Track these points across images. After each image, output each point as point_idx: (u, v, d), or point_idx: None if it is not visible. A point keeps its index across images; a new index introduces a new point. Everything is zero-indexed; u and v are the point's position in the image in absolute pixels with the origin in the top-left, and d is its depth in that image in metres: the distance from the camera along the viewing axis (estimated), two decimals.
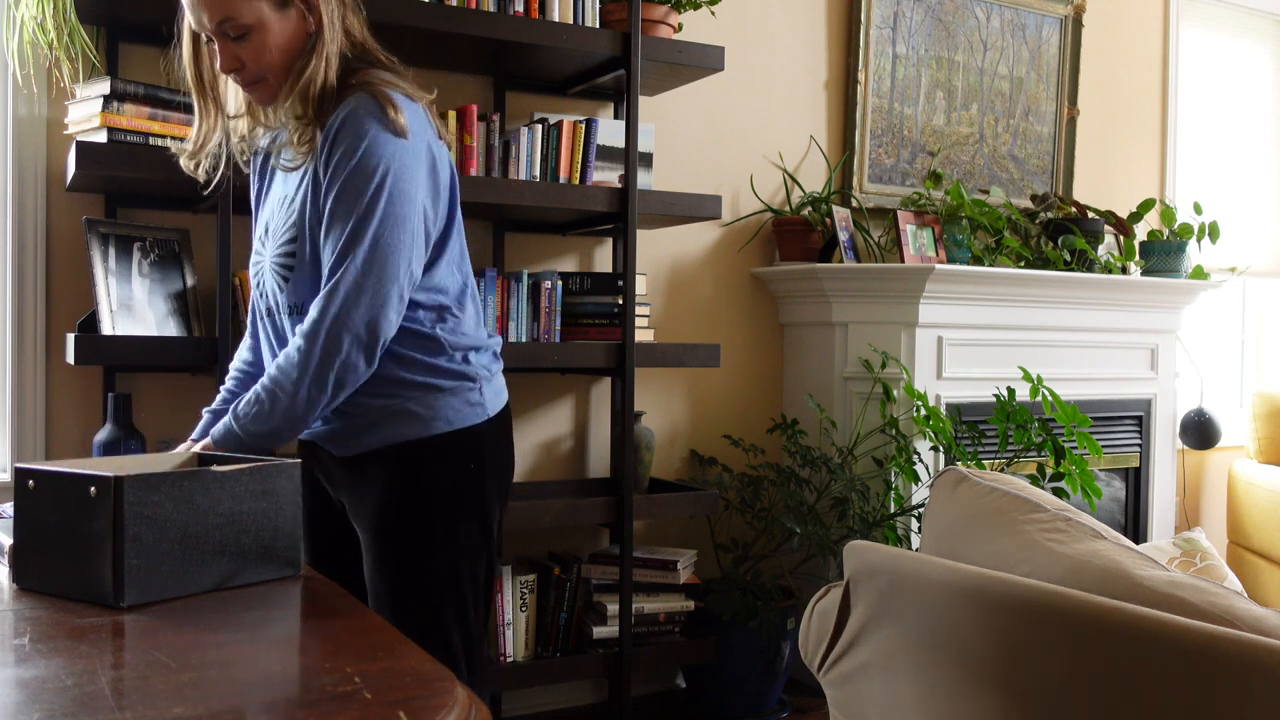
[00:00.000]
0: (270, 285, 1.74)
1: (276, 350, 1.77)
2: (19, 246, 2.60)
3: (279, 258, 1.71)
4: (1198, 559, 2.86)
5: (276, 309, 1.74)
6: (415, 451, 1.71)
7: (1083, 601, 1.30)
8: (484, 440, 1.76)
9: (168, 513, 1.28)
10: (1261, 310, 4.98)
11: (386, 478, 1.71)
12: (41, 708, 0.90)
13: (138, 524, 1.24)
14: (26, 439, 2.61)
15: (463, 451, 1.73)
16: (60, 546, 1.28)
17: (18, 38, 2.46)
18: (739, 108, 3.54)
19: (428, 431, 1.70)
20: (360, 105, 1.62)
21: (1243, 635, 1.19)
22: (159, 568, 1.26)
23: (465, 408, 1.74)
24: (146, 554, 1.25)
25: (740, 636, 3.08)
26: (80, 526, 1.26)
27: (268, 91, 1.69)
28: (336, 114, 1.63)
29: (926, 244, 3.54)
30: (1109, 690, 1.25)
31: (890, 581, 1.56)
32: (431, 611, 1.71)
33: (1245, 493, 4.33)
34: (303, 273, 1.68)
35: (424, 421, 1.70)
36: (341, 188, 1.61)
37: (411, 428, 1.70)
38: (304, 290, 1.68)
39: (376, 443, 1.70)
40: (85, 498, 1.26)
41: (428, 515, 1.72)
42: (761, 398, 3.61)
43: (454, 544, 1.73)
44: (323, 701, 0.94)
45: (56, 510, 1.28)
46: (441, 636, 1.71)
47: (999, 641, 1.37)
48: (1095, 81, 4.33)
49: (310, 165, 1.66)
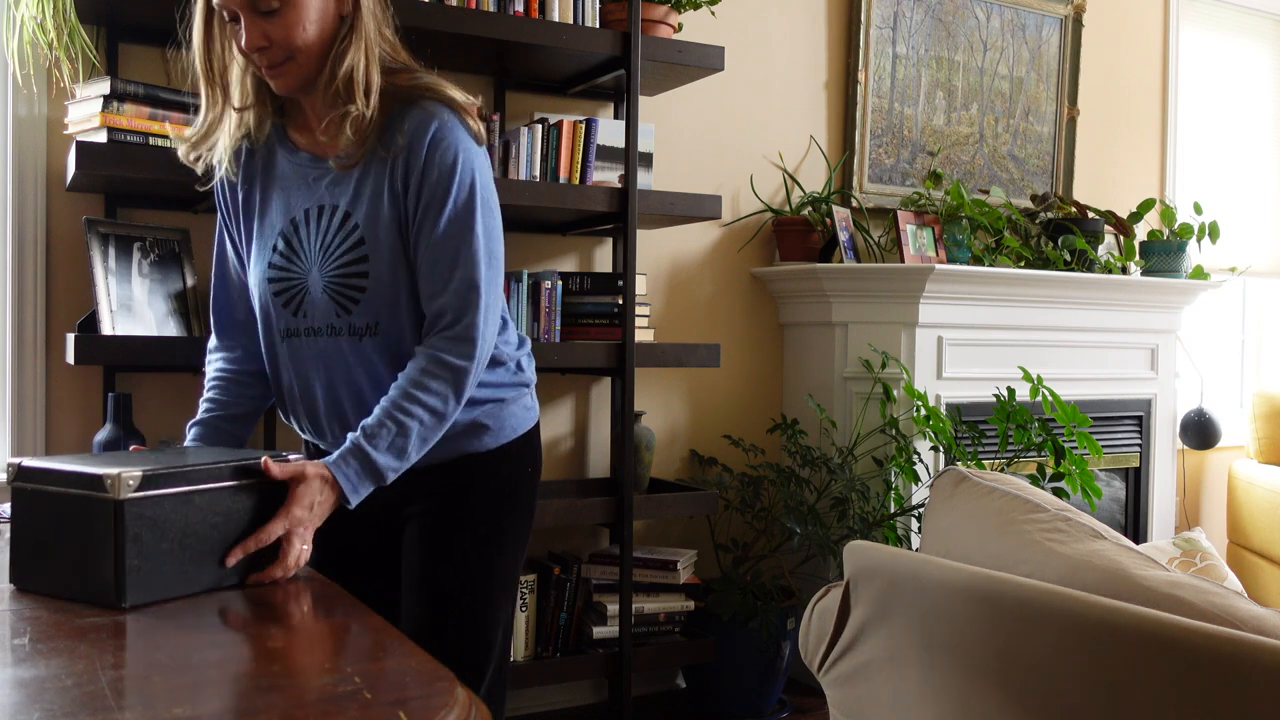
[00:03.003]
0: (320, 306, 1.63)
1: (304, 372, 1.68)
2: (19, 246, 2.60)
3: (341, 278, 1.61)
4: (1198, 559, 2.86)
5: (326, 330, 1.63)
6: (484, 459, 1.72)
7: (1083, 601, 1.30)
8: (536, 442, 1.81)
9: (166, 512, 1.26)
10: (1261, 310, 4.98)
11: (455, 482, 1.70)
12: (41, 708, 0.89)
13: (137, 524, 1.23)
14: (26, 439, 2.61)
15: (524, 455, 1.77)
16: (58, 547, 1.27)
17: (18, 38, 2.46)
18: (739, 108, 3.54)
19: (497, 442, 1.73)
20: (444, 115, 1.59)
21: (1243, 635, 1.19)
22: (160, 568, 1.25)
23: (523, 413, 1.77)
24: (146, 554, 1.24)
25: (740, 636, 3.08)
26: (78, 526, 1.25)
27: (295, 75, 1.59)
28: (416, 120, 1.58)
29: (926, 244, 3.54)
30: (1109, 690, 1.25)
31: (890, 581, 1.56)
32: (489, 610, 1.72)
33: (1245, 493, 4.33)
34: (378, 292, 1.59)
35: (493, 433, 1.72)
36: (454, 207, 1.58)
37: (483, 440, 1.71)
38: (379, 310, 1.60)
39: (446, 455, 1.68)
40: (83, 498, 1.25)
41: (498, 518, 1.73)
42: (761, 398, 3.61)
43: (517, 545, 1.76)
44: (323, 701, 0.94)
45: (54, 510, 1.27)
46: (492, 634, 1.73)
47: (999, 642, 1.37)
48: (1095, 81, 4.33)
49: (374, 177, 1.59)
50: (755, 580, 3.16)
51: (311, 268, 1.63)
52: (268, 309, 1.70)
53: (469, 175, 1.59)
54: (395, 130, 1.59)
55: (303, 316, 1.65)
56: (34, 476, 1.29)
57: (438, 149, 1.57)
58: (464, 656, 1.67)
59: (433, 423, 1.57)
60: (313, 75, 1.60)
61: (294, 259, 1.65)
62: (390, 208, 1.59)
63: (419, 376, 1.57)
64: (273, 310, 1.69)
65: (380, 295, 1.60)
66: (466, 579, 1.70)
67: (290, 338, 1.68)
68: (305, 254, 1.64)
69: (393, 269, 1.60)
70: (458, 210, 1.58)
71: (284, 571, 1.41)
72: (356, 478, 1.52)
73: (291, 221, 1.66)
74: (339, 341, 1.63)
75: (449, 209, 1.58)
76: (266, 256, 1.68)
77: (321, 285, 1.63)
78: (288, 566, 1.41)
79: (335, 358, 1.64)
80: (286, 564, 1.41)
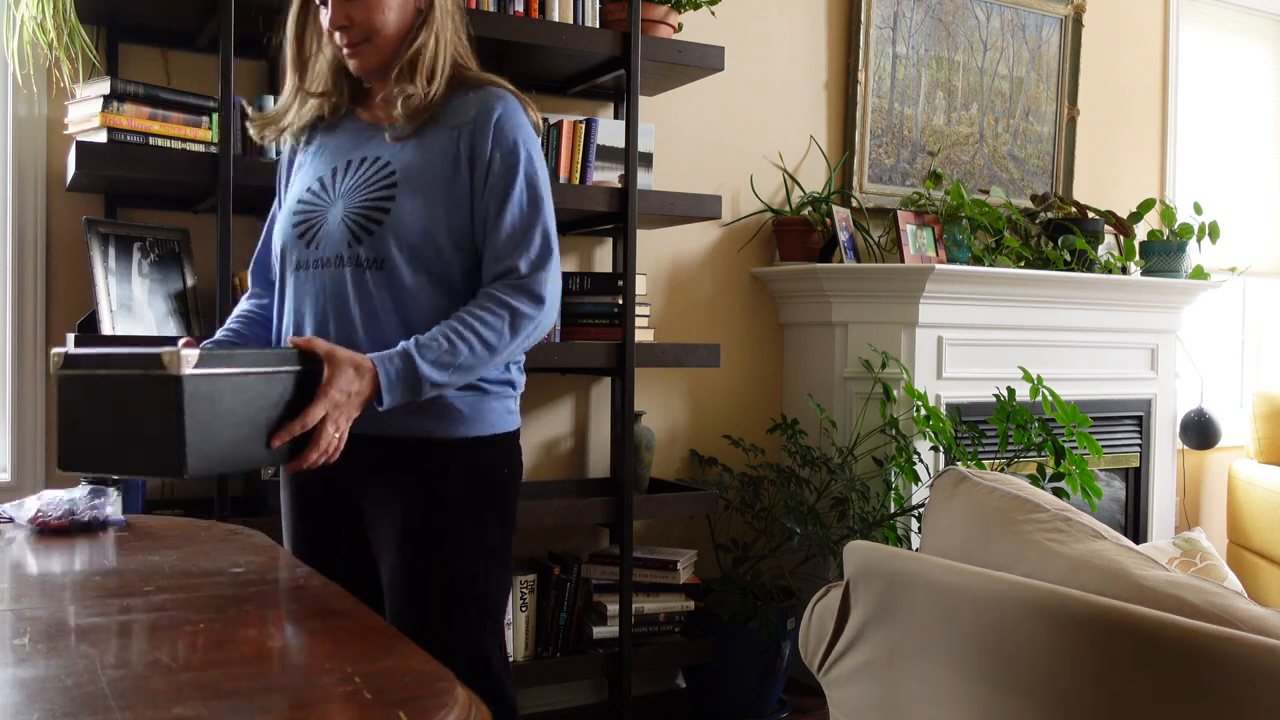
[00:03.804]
0: (334, 236, 1.68)
1: (300, 306, 1.72)
2: (19, 246, 2.60)
3: (363, 209, 1.67)
4: (1198, 559, 2.86)
5: (335, 260, 1.68)
6: (461, 447, 1.69)
7: (1083, 601, 1.30)
8: (515, 449, 1.79)
9: (219, 389, 1.35)
10: (1261, 310, 4.98)
11: (431, 468, 1.69)
12: (41, 708, 0.89)
13: (195, 399, 1.31)
14: (26, 439, 2.61)
15: (503, 456, 1.76)
16: (113, 427, 1.34)
17: (18, 38, 2.46)
18: (739, 108, 3.54)
19: (471, 432, 1.70)
20: (509, 100, 1.71)
21: (1243, 635, 1.19)
22: (215, 441, 1.35)
23: (505, 415, 1.75)
24: (203, 428, 1.33)
25: (740, 636, 3.08)
26: (137, 404, 1.30)
27: (372, 56, 1.70)
28: (483, 100, 1.70)
29: (926, 244, 3.54)
30: (1109, 690, 1.25)
31: (890, 581, 1.56)
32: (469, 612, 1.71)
33: (1245, 493, 4.33)
34: (394, 228, 1.64)
35: (469, 422, 1.70)
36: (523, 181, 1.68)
37: (456, 427, 1.69)
38: (391, 245, 1.65)
39: (405, 430, 1.67)
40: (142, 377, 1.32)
41: (479, 507, 1.72)
42: (761, 398, 3.61)
43: (481, 545, 1.72)
44: (323, 701, 0.94)
45: (108, 392, 1.34)
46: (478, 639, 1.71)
47: (999, 641, 1.37)
48: (1095, 81, 4.33)
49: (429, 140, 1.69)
50: (755, 580, 3.16)
51: (337, 201, 1.71)
52: (285, 244, 1.76)
53: (533, 155, 1.71)
54: (462, 106, 1.70)
55: (314, 248, 1.70)
56: (84, 363, 1.34)
57: (505, 126, 1.68)
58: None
59: (483, 352, 1.60)
60: (387, 59, 1.71)
61: (322, 195, 1.74)
62: (446, 164, 1.68)
63: (478, 309, 1.62)
64: (289, 244, 1.75)
65: (396, 230, 1.64)
66: (446, 577, 1.69)
67: (298, 270, 1.73)
68: (333, 191, 1.73)
69: (415, 212, 1.65)
70: (524, 184, 1.68)
71: (318, 454, 1.49)
72: (396, 376, 1.55)
73: (332, 169, 1.76)
74: (342, 271, 1.67)
75: (505, 184, 1.67)
76: (297, 195, 1.78)
77: (340, 215, 1.69)
78: (320, 449, 1.49)
79: (334, 289, 1.68)
80: (319, 446, 1.49)
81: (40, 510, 1.65)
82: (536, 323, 1.66)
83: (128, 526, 1.71)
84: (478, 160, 1.67)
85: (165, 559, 1.49)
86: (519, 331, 1.63)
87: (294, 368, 1.48)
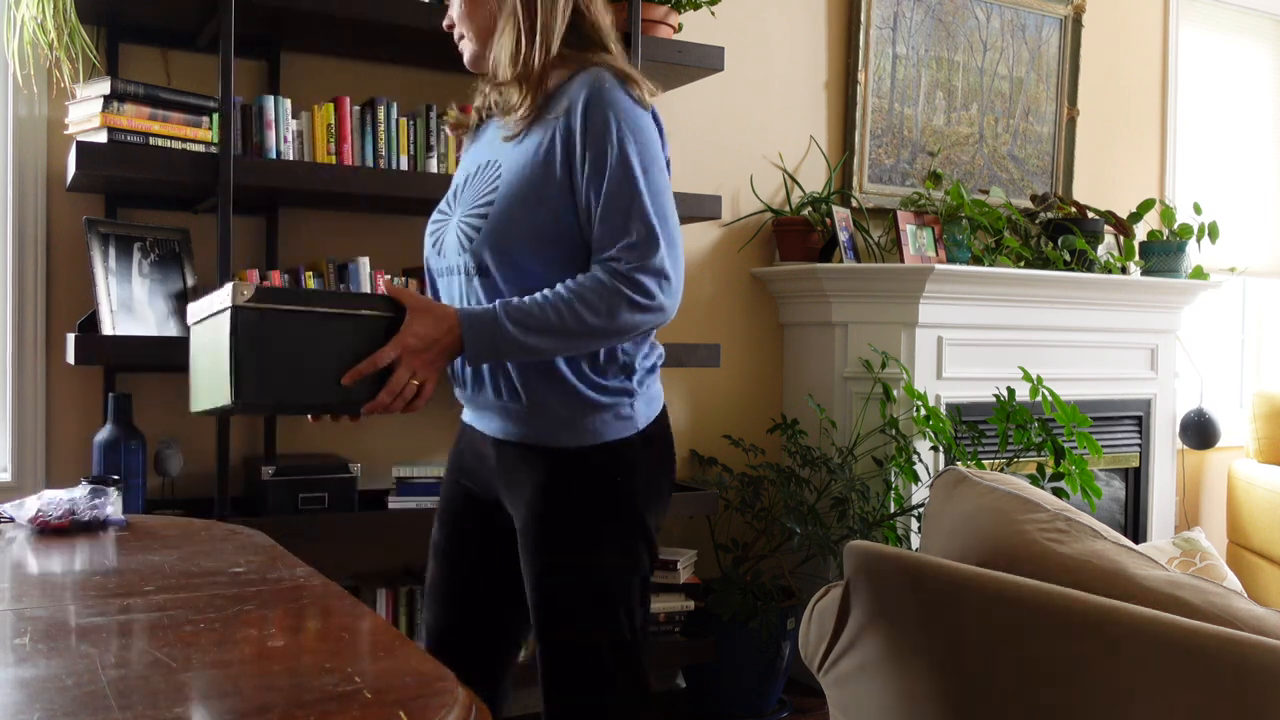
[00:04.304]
0: (451, 244, 1.67)
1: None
2: (19, 246, 2.60)
3: (471, 214, 1.64)
4: (1198, 559, 2.86)
5: (456, 268, 1.66)
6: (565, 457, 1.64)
7: (1083, 601, 1.30)
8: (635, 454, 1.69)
9: (280, 324, 1.40)
10: (1261, 310, 4.98)
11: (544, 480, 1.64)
12: (41, 708, 0.90)
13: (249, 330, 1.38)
14: (26, 439, 2.61)
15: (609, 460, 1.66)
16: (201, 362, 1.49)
17: (18, 38, 2.46)
18: (739, 108, 3.54)
19: (580, 441, 1.63)
20: (604, 79, 1.60)
21: (1243, 635, 1.19)
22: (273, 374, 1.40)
23: (614, 421, 1.66)
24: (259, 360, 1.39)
25: (740, 636, 3.08)
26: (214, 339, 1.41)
27: (467, 51, 1.72)
28: (577, 85, 1.61)
29: (926, 244, 3.54)
30: (1109, 690, 1.25)
31: (890, 581, 1.56)
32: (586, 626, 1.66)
33: (1245, 493, 4.33)
34: (491, 230, 1.61)
35: (576, 430, 1.63)
36: (615, 164, 1.57)
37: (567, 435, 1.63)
38: (487, 248, 1.61)
39: (530, 437, 1.64)
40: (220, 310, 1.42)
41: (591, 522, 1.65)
42: (761, 398, 3.61)
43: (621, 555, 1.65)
44: (323, 701, 0.94)
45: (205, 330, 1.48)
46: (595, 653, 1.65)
47: (998, 642, 1.38)
48: (1095, 81, 4.33)
49: (535, 136, 1.62)
50: (755, 580, 3.16)
51: (457, 209, 1.70)
52: (425, 254, 1.77)
53: (625, 135, 1.58)
54: (562, 95, 1.63)
55: (442, 256, 1.71)
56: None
57: (594, 110, 1.58)
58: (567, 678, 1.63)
59: (573, 323, 1.53)
60: (481, 54, 1.71)
61: (450, 203, 1.75)
62: (539, 161, 1.61)
63: (578, 284, 1.56)
64: (427, 253, 1.76)
65: (489, 237, 1.60)
66: (556, 589, 1.62)
67: (437, 279, 1.74)
68: (458, 199, 1.72)
69: (511, 211, 1.60)
70: (620, 166, 1.57)
71: (388, 397, 1.48)
72: (479, 328, 1.52)
73: (465, 176, 1.75)
74: (459, 280, 1.66)
75: (599, 166, 1.57)
76: (441, 205, 1.78)
77: (456, 223, 1.68)
78: (391, 392, 1.48)
79: (457, 298, 1.67)
80: (390, 388, 1.47)
81: (40, 510, 1.66)
82: (636, 310, 1.55)
83: (128, 526, 1.71)
84: (573, 152, 1.59)
85: (165, 559, 1.49)
86: (616, 315, 1.54)
87: (375, 312, 1.48)
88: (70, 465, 2.64)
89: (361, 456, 2.82)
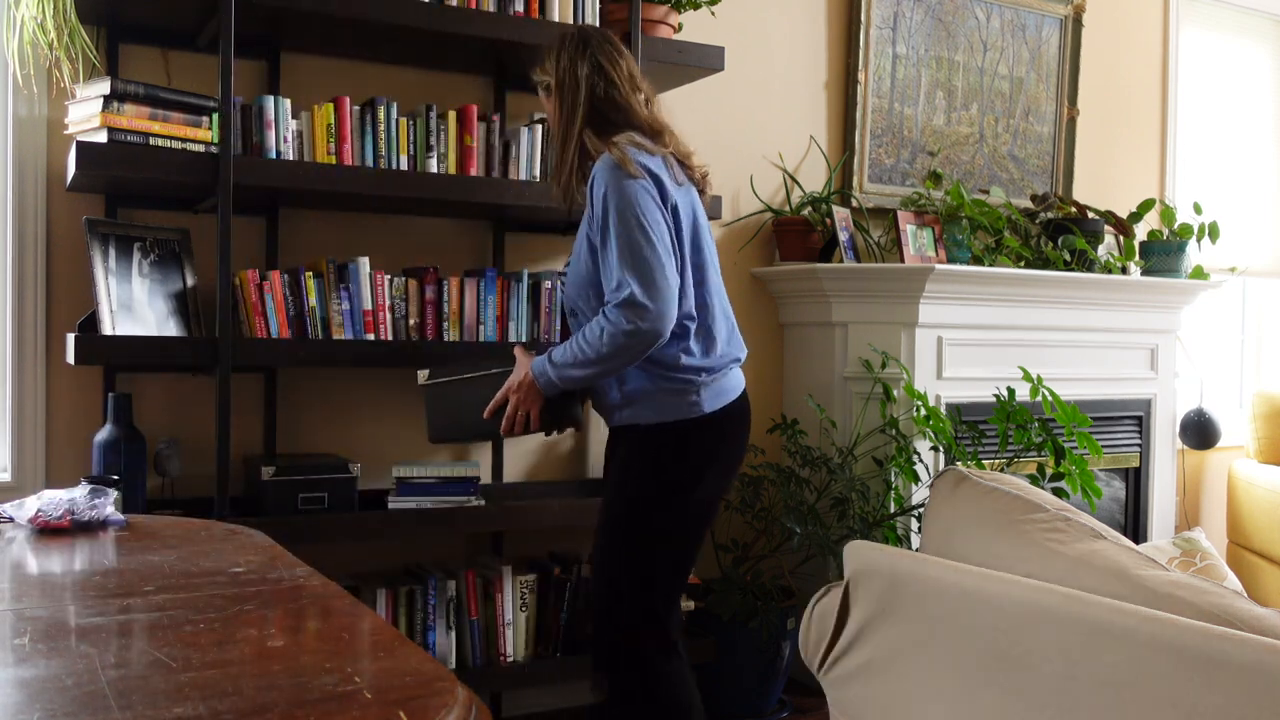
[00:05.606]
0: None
1: None
2: (19, 246, 2.60)
3: (564, 274, 2.37)
4: (1198, 559, 2.86)
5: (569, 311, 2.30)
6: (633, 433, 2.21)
7: (1083, 601, 1.30)
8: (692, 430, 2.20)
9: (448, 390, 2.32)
10: (1261, 310, 4.98)
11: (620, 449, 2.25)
12: (41, 708, 0.90)
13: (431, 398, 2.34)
14: (26, 439, 2.61)
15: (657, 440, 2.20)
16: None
17: (18, 38, 2.46)
18: (739, 108, 3.54)
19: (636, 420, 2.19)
20: (602, 162, 2.12)
21: (1243, 635, 1.19)
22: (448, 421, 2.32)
23: (675, 404, 2.17)
24: (438, 414, 2.33)
25: (740, 636, 3.07)
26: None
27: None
28: (594, 170, 2.14)
29: (926, 244, 3.54)
30: (1109, 690, 1.25)
31: (890, 581, 1.56)
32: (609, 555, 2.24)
33: (1245, 493, 4.33)
34: (569, 283, 2.25)
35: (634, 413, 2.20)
36: (605, 229, 2.08)
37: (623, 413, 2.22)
38: (570, 297, 2.25)
39: (623, 419, 2.22)
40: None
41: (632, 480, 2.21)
42: (761, 398, 3.61)
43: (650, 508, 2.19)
44: (323, 701, 0.94)
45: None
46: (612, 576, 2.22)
47: (999, 642, 1.38)
48: (1095, 81, 4.33)
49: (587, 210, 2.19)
50: (755, 580, 3.16)
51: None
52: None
53: (611, 202, 2.08)
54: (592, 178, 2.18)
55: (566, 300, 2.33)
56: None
57: (593, 188, 2.12)
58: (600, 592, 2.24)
59: (587, 351, 2.08)
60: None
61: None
62: (583, 234, 2.18)
63: (588, 326, 2.12)
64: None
65: (570, 286, 2.24)
66: (604, 522, 2.23)
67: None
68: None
69: (576, 270, 2.21)
70: (608, 229, 2.08)
71: (506, 423, 2.19)
72: (540, 370, 2.15)
73: None
74: (569, 319, 2.31)
75: (602, 230, 2.10)
76: None
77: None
78: (505, 418, 2.19)
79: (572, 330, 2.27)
80: (508, 416, 2.19)
81: (40, 510, 1.66)
82: (624, 331, 2.03)
83: (128, 526, 1.71)
84: (594, 224, 2.12)
85: (165, 559, 1.49)
86: (615, 337, 2.04)
87: (499, 369, 2.24)
88: (70, 465, 2.64)
89: (361, 456, 2.82)
